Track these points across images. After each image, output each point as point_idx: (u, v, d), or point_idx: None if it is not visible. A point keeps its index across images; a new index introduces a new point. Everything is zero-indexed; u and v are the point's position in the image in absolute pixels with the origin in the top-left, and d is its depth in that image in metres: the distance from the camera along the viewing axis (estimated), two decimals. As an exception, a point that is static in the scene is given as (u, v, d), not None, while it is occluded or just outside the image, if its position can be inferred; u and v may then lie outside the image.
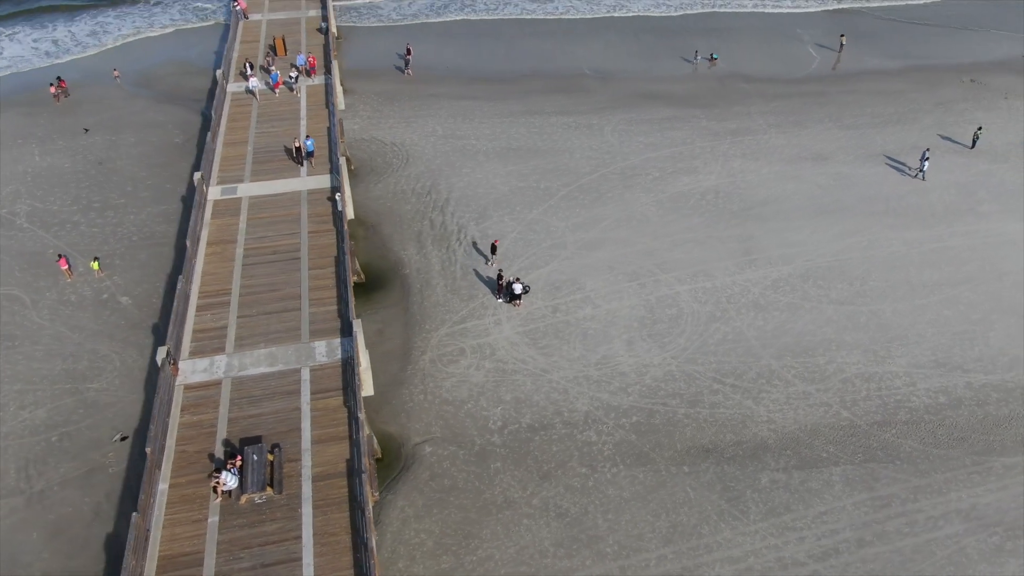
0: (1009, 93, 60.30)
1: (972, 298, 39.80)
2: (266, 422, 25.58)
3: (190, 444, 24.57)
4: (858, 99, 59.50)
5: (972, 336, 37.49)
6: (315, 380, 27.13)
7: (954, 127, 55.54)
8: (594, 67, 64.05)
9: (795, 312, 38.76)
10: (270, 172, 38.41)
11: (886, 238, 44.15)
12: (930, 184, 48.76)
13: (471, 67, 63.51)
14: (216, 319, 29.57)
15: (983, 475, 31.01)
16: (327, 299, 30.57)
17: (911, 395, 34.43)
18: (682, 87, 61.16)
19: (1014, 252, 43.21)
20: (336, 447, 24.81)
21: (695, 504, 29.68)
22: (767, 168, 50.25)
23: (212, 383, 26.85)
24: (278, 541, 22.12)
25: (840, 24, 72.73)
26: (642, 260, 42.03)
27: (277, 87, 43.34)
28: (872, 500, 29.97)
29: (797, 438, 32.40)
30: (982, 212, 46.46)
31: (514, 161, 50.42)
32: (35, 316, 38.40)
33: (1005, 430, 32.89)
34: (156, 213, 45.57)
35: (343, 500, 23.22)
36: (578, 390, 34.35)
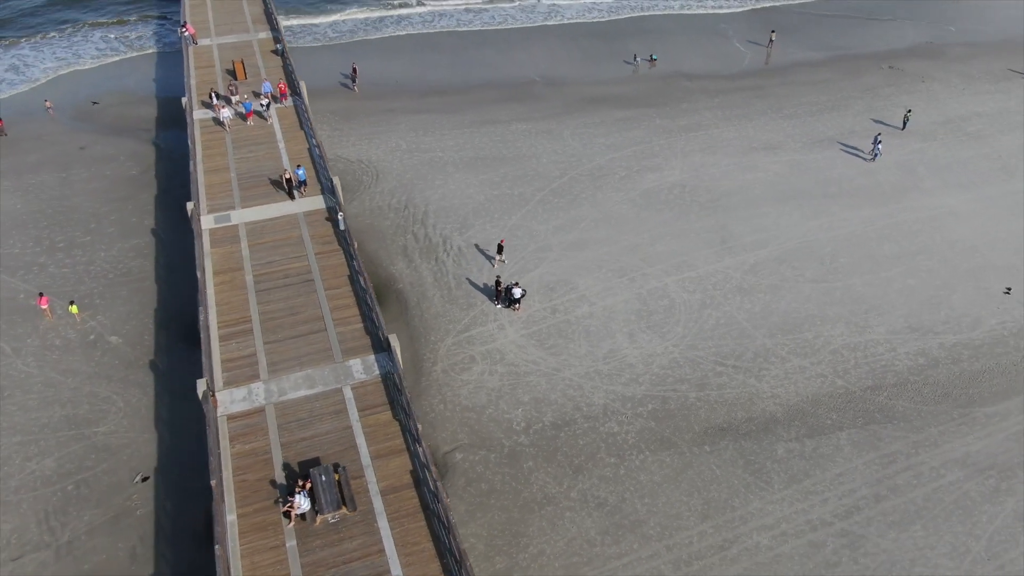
0: (925, 77, 65.24)
1: (930, 266, 43.16)
2: (320, 443, 25.66)
3: (248, 473, 24.43)
4: (793, 90, 63.18)
5: (937, 301, 40.71)
6: (359, 398, 27.33)
7: (883, 111, 59.75)
8: (542, 74, 65.65)
9: (777, 293, 41.12)
10: (260, 197, 38.06)
11: (844, 218, 47.26)
12: (874, 165, 52.41)
13: (420, 80, 64.04)
14: (242, 347, 29.30)
15: (969, 425, 33.87)
16: (351, 318, 30.72)
17: (894, 359, 37.17)
18: (629, 88, 63.43)
19: (957, 222, 47.01)
20: (397, 460, 25.16)
21: (722, 480, 31.30)
22: (725, 160, 52.85)
23: (255, 411, 26.70)
24: (362, 557, 22.36)
25: (761, 21, 76.92)
26: (627, 256, 43.63)
27: (250, 116, 42.84)
28: (879, 458, 32.32)
29: (802, 409, 34.54)
30: (924, 188, 50.30)
31: (483, 170, 51.30)
32: (20, 364, 36.82)
33: (981, 383, 35.97)
34: (128, 248, 44.31)
35: (416, 510, 23.64)
36: (592, 385, 35.55)
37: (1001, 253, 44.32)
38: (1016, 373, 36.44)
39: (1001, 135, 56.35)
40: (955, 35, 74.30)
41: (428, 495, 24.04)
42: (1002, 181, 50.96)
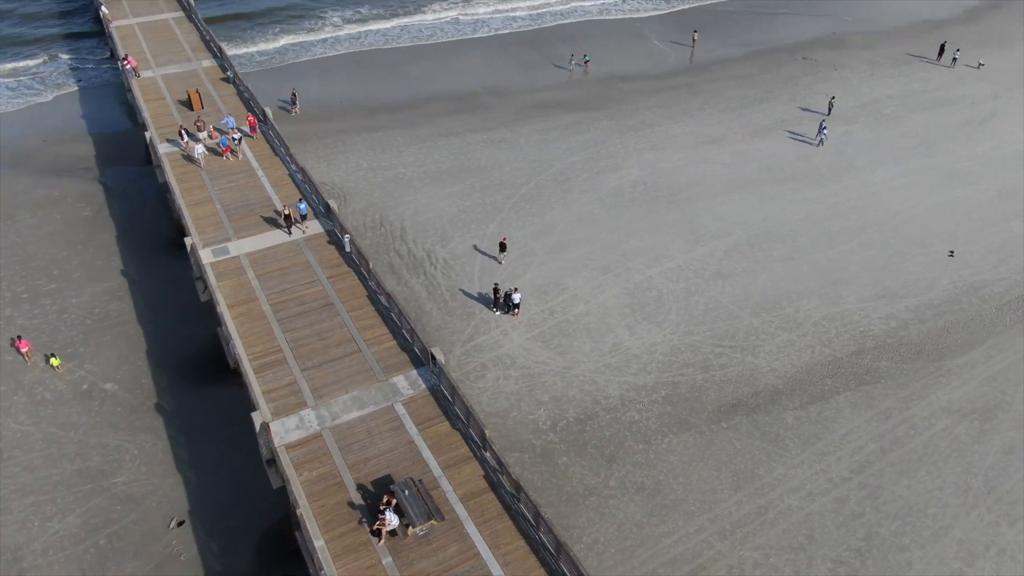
0: (836, 65, 70.43)
1: (880, 238, 47.02)
2: (387, 461, 25.95)
3: (323, 498, 24.51)
4: (722, 86, 66.93)
5: (893, 269, 44.47)
6: (412, 412, 27.72)
7: (807, 99, 64.23)
8: (484, 85, 66.89)
9: (752, 275, 43.86)
10: (253, 227, 37.55)
11: (795, 200, 50.76)
12: (812, 150, 56.41)
13: (364, 99, 64.07)
14: (280, 377, 29.10)
15: (946, 377, 37.38)
16: (381, 337, 30.98)
17: (869, 325, 40.47)
18: (571, 93, 65.56)
19: (893, 196, 51.33)
20: (468, 467, 25.77)
21: (744, 452, 33.41)
22: (676, 155, 55.62)
23: (311, 437, 26.67)
24: (461, 562, 22.92)
25: (677, 23, 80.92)
26: (608, 253, 45.43)
27: (227, 152, 42.03)
28: (876, 415, 35.25)
29: (799, 379, 37.18)
30: (857, 167, 54.58)
31: (449, 183, 52.05)
32: (12, 423, 35.05)
33: (947, 338, 39.68)
34: (100, 292, 42.70)
35: (500, 512, 24.36)
36: (604, 378, 37.04)
37: (937, 220, 48.75)
38: (974, 326, 40.38)
39: (914, 114, 61.67)
40: (852, 25, 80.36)
41: (506, 496, 24.82)
42: (924, 156, 55.89)
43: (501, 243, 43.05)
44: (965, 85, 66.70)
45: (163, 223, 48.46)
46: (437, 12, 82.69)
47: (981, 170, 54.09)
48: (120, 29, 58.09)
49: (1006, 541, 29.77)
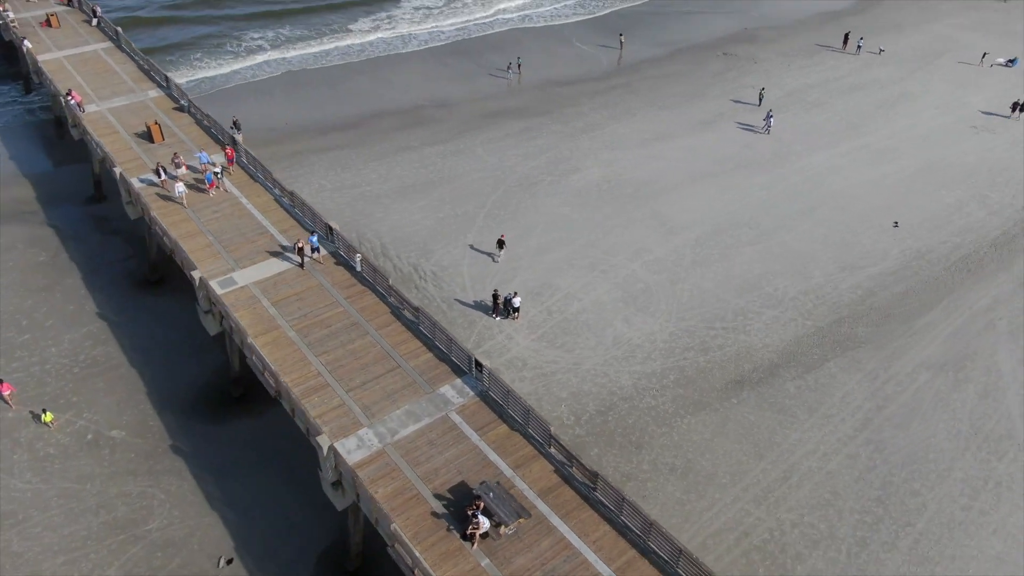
0: (755, 59, 74.98)
1: (831, 216, 50.79)
2: (457, 467, 26.48)
3: (405, 512, 24.88)
4: (656, 84, 70.09)
5: (849, 242, 48.19)
6: (468, 419, 28.30)
7: (736, 92, 68.18)
8: (427, 98, 67.48)
9: (726, 260, 46.56)
10: (254, 255, 36.97)
11: (748, 186, 54.05)
12: (753, 138, 60.09)
13: (310, 119, 63.46)
14: (327, 400, 29.05)
15: (916, 336, 41.03)
16: (416, 351, 31.33)
17: (839, 296, 43.81)
18: (513, 101, 67.06)
19: (833, 176, 55.46)
20: (536, 464, 26.60)
21: (759, 423, 35.73)
22: (629, 154, 58.04)
23: (376, 455, 26.87)
24: (556, 554, 23.78)
25: (599, 27, 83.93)
26: (589, 251, 47.12)
27: (212, 187, 41.03)
28: (865, 377, 38.38)
29: (791, 351, 39.94)
30: (796, 152, 58.58)
31: (418, 196, 52.46)
32: (19, 483, 33.34)
33: (909, 300, 43.49)
34: (80, 338, 40.96)
35: (579, 502, 25.36)
36: (614, 370, 38.64)
37: (876, 196, 53.08)
38: (929, 288, 44.41)
39: (835, 100, 66.56)
40: (759, 20, 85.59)
41: (580, 487, 25.91)
42: (852, 138, 60.56)
43: (499, 240, 44.24)
44: (872, 70, 72.45)
45: (132, 261, 46.80)
46: (365, 31, 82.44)
47: (903, 147, 59.12)
48: (48, 64, 55.36)
49: (1000, 474, 33.20)
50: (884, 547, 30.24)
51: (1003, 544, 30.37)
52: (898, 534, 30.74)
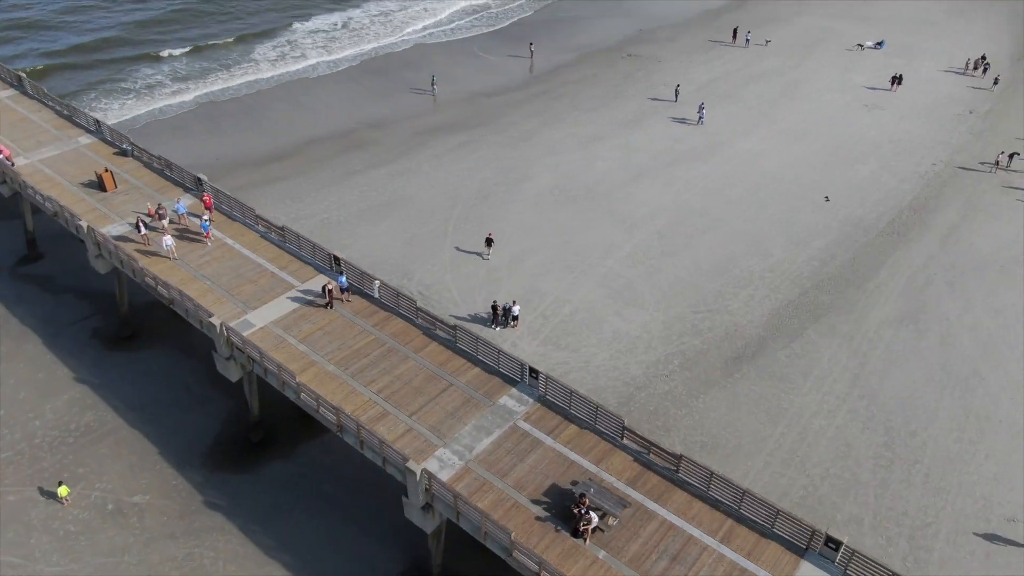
0: (658, 58, 79.42)
1: (771, 197, 55.11)
2: (544, 471, 27.25)
3: (510, 521, 25.64)
4: (574, 89, 72.90)
5: (793, 220, 52.55)
6: (537, 424, 29.14)
7: (651, 90, 72.11)
8: (356, 120, 67.11)
9: (691, 248, 49.63)
10: (261, 293, 35.97)
11: (690, 179, 57.61)
12: (682, 132, 63.90)
13: (242, 152, 61.64)
14: (394, 427, 29.00)
15: (872, 297, 45.48)
16: (462, 367, 31.70)
17: (800, 268, 47.80)
18: (444, 116, 67.85)
19: (761, 160, 60.05)
20: (615, 457, 27.79)
21: (764, 394, 38.68)
22: (571, 157, 60.32)
23: (462, 472, 27.26)
24: (664, 536, 25.07)
25: (504, 38, 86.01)
26: (562, 254, 48.85)
27: (208, 237, 39.28)
28: (841, 339, 42.27)
29: (772, 324, 43.32)
30: (722, 141, 62.90)
31: (379, 219, 52.38)
32: (46, 568, 31.21)
33: (858, 266, 48.07)
34: (64, 405, 38.53)
35: (668, 486, 26.78)
36: (623, 363, 40.57)
37: (803, 174, 58.03)
38: (870, 253, 49.25)
39: (741, 90, 71.75)
40: (650, 21, 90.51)
41: (663, 470, 27.51)
42: (766, 124, 65.66)
43: (487, 238, 45.75)
44: (764, 61, 78.58)
45: (96, 319, 44.21)
46: (271, 59, 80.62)
47: (812, 129, 64.78)
48: (-50, 119, 50.96)
49: (976, 408, 37.68)
50: (902, 485, 33.75)
51: (996, 466, 34.63)
52: (910, 472, 34.37)
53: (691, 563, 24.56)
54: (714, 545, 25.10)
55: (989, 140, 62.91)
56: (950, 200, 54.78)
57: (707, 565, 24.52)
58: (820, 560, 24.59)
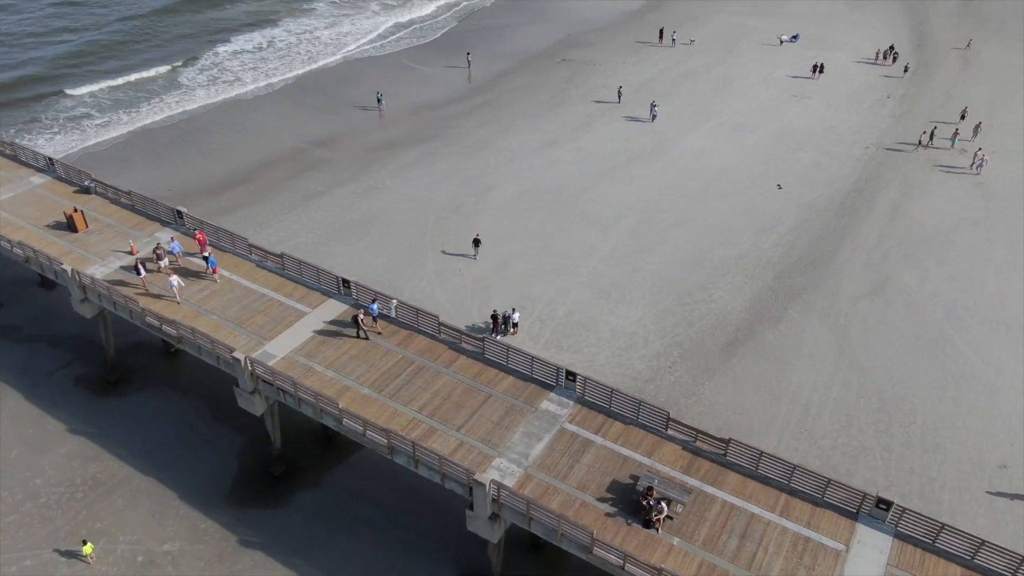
0: (593, 61, 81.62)
1: (729, 189, 57.85)
2: (603, 469, 28.02)
3: (582, 517, 26.44)
4: (518, 96, 74.08)
5: (752, 209, 55.40)
6: (582, 425, 29.96)
7: (593, 93, 74.14)
8: (304, 139, 66.11)
9: (665, 243, 51.62)
10: (275, 324, 35.22)
11: (648, 176, 59.77)
12: (632, 132, 66.05)
13: (191, 181, 59.67)
14: (445, 443, 29.08)
15: (840, 274, 48.55)
16: (497, 377, 31.94)
17: (768, 254, 50.50)
18: (395, 130, 67.68)
19: (710, 154, 62.87)
20: (665, 448, 28.89)
21: (764, 373, 40.86)
22: (530, 163, 61.46)
23: (524, 479, 27.70)
24: (728, 516, 26.31)
25: (435, 49, 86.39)
26: (544, 259, 49.88)
27: (216, 272, 38.02)
28: (819, 315, 45.02)
29: (755, 308, 45.69)
30: (670, 138, 65.46)
31: (355, 238, 51.93)
32: (83, 629, 29.82)
33: (820, 247, 51.17)
34: (62, 460, 36.77)
35: (718, 468, 28.12)
36: (626, 358, 41.93)
37: (752, 165, 61.18)
38: (829, 234, 52.54)
39: (676, 88, 74.69)
40: (575, 26, 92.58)
41: (712, 455, 28.94)
42: (707, 119, 68.72)
43: (475, 239, 47.41)
44: (692, 59, 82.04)
45: (76, 366, 42.20)
46: (201, 84, 78.21)
47: (750, 121, 68.28)
48: None
49: (951, 369, 41.02)
50: (904, 447, 36.48)
51: (979, 420, 37.88)
52: (908, 433, 37.18)
53: (759, 539, 26.02)
54: (775, 519, 26.66)
55: (909, 122, 68.01)
56: (888, 180, 59.00)
57: (774, 539, 26.04)
58: (873, 521, 26.53)
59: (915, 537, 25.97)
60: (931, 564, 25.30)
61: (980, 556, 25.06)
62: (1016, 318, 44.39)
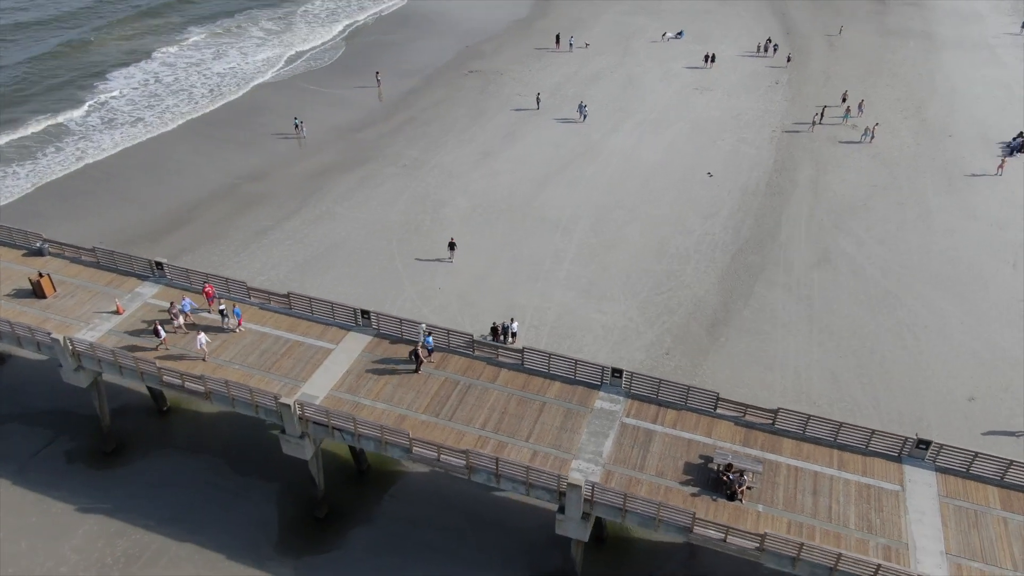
0: (500, 71, 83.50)
1: (666, 183, 61.41)
2: (672, 454, 30.02)
3: (671, 501, 28.29)
4: (437, 112, 74.72)
5: (694, 198, 59.22)
6: (639, 417, 31.50)
7: (511, 102, 76.06)
8: (235, 174, 63.91)
9: (625, 238, 54.29)
10: (302, 365, 34.53)
11: (589, 176, 62.38)
12: (562, 136, 68.43)
13: (121, 230, 56.07)
14: (520, 454, 29.90)
15: (787, 249, 52.98)
16: (543, 384, 32.74)
17: (721, 238, 54.29)
18: (326, 156, 66.65)
19: (639, 151, 66.36)
20: (719, 426, 31.09)
21: (751, 347, 44.23)
22: (473, 176, 62.53)
23: (607, 475, 28.92)
24: (797, 478, 28.98)
25: (339, 71, 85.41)
26: (518, 267, 51.25)
27: (241, 323, 36.32)
28: (783, 288, 49.15)
29: (724, 287, 49.18)
30: (596, 139, 68.47)
31: (322, 270, 51.03)
32: None
33: (763, 226, 55.57)
34: (82, 543, 34.51)
35: (774, 438, 30.74)
36: (626, 351, 44.10)
37: (677, 157, 65.20)
38: (767, 211, 57.15)
39: (586, 91, 77.78)
40: (471, 37, 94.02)
41: (762, 426, 31.52)
42: (627, 117, 72.35)
43: (450, 243, 48.97)
44: (593, 61, 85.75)
45: (63, 441, 39.39)
46: (97, 127, 73.41)
47: (664, 116, 72.54)
48: None
49: (905, 320, 46.10)
50: (888, 395, 40.79)
51: (940, 363, 42.94)
52: (888, 383, 41.59)
53: (828, 493, 28.84)
54: (835, 473, 29.59)
55: (800, 104, 74.66)
56: (801, 158, 64.73)
57: (840, 492, 28.93)
58: (916, 461, 30.03)
59: (953, 468, 29.62)
60: (972, 489, 29.02)
61: (1009, 475, 28.96)
62: (943, 270, 50.39)
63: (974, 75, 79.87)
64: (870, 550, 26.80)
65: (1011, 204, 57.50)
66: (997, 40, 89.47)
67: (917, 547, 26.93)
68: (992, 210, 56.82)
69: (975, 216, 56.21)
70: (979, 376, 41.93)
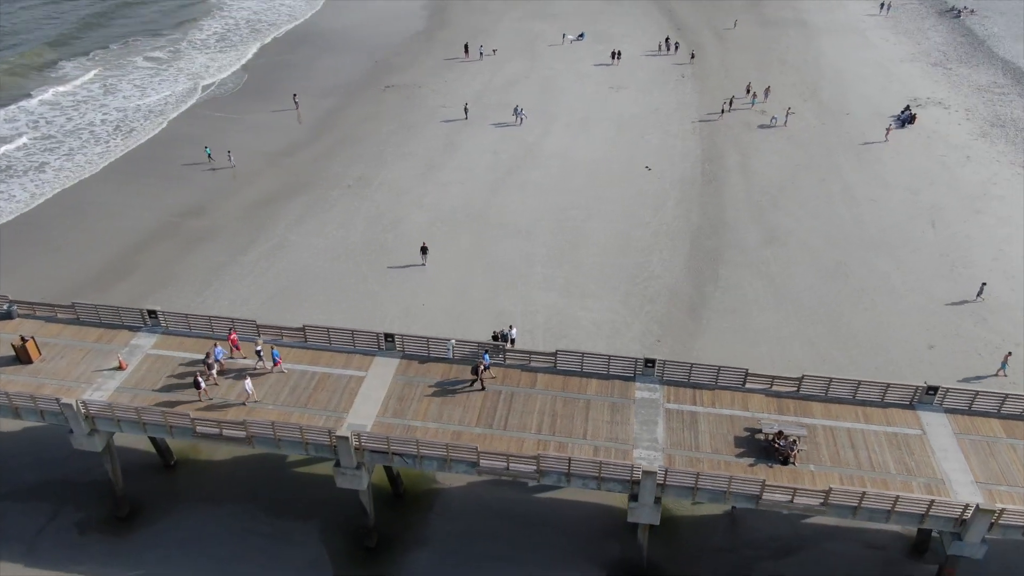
0: (418, 84, 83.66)
1: (606, 180, 63.92)
2: (720, 434, 32.10)
3: (733, 472, 30.40)
4: (368, 129, 74.12)
5: (640, 191, 62.10)
6: (678, 401, 33.25)
7: (437, 113, 76.59)
8: (171, 212, 61.05)
9: (587, 237, 56.25)
10: (339, 396, 33.88)
11: (533, 180, 64.05)
12: (499, 143, 69.65)
13: (57, 281, 52.29)
14: (584, 451, 31.01)
15: (737, 231, 56.76)
16: (581, 383, 34.02)
17: (675, 227, 57.39)
18: (264, 184, 64.76)
19: (574, 151, 68.70)
20: (752, 399, 33.44)
21: (734, 326, 47.26)
22: (422, 190, 62.73)
23: (669, 460, 30.63)
24: (835, 437, 31.77)
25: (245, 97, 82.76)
26: (495, 275, 52.22)
27: (279, 364, 34.91)
28: (744, 268, 52.67)
29: (692, 273, 52.13)
30: (531, 142, 70.28)
31: (294, 303, 49.60)
32: None
33: (707, 212, 59.20)
34: None
35: (803, 403, 33.63)
36: (621, 344, 45.99)
37: (613, 154, 68.09)
38: (708, 198, 60.89)
39: (508, 96, 79.10)
40: (377, 51, 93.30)
41: (789, 394, 34.22)
42: (553, 120, 74.53)
43: (423, 247, 50.46)
44: (505, 68, 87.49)
45: (69, 513, 36.98)
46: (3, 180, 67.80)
47: (593, 115, 75.33)
48: None
49: (859, 284, 50.69)
50: (864, 354, 44.88)
51: (898, 319, 47.63)
52: (859, 343, 45.76)
53: (864, 445, 31.89)
54: (864, 427, 32.72)
55: (708, 96, 79.53)
56: (724, 146, 69.19)
57: (875, 443, 32.02)
58: (927, 406, 33.61)
59: (959, 408, 33.41)
60: (978, 424, 32.90)
61: (1004, 407, 33.04)
62: (877, 236, 55.64)
63: (853, 57, 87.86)
64: (914, 489, 29.91)
65: (911, 172, 64.00)
66: (863, 23, 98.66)
67: (951, 480, 30.31)
68: (902, 178, 63.13)
69: (888, 185, 62.27)
70: (931, 325, 46.85)
